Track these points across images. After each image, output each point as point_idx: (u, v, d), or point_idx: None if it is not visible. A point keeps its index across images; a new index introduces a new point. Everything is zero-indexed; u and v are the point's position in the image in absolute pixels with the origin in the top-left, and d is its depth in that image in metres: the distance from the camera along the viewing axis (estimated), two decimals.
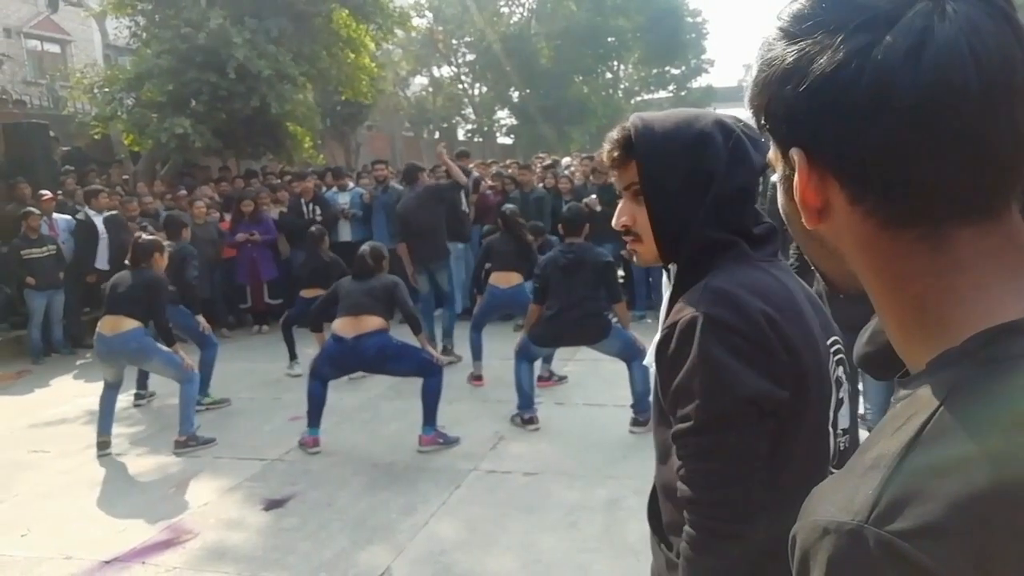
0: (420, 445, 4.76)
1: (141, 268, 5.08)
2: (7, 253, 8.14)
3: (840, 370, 1.25)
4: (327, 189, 9.69)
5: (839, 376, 1.24)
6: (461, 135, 30.33)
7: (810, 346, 1.17)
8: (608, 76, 30.51)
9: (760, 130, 0.60)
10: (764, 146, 0.60)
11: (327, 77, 12.21)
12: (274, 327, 8.15)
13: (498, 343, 6.43)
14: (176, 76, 10.14)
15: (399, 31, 15.48)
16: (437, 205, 7.10)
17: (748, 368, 1.10)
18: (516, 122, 29.47)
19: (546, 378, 5.98)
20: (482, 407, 5.59)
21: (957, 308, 0.54)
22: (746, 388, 1.09)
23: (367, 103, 15.34)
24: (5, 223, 8.40)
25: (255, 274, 8.89)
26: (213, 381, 6.01)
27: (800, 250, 0.69)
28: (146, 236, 5.34)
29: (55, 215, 8.57)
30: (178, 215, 7.11)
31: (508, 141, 30.99)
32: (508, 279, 6.10)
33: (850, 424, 1.27)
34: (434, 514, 3.91)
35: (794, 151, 0.56)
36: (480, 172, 9.78)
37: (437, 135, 28.47)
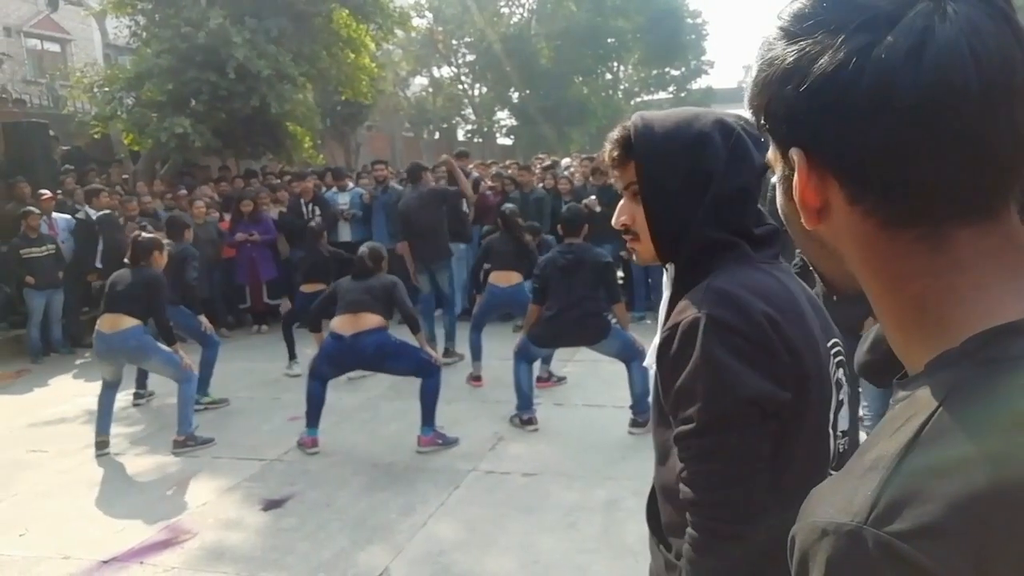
0: (419, 445, 4.76)
1: (140, 266, 5.08)
2: (7, 252, 8.14)
3: (840, 372, 1.25)
4: (327, 189, 9.67)
5: (839, 378, 1.24)
6: (461, 135, 30.33)
7: (811, 348, 1.17)
8: (608, 77, 30.53)
9: (760, 130, 0.60)
10: (765, 145, 0.60)
11: (327, 77, 12.20)
12: (273, 327, 8.17)
13: (497, 344, 6.43)
14: (176, 76, 10.13)
15: (399, 31, 15.46)
16: (439, 206, 7.10)
17: (750, 369, 1.10)
18: (516, 123, 29.50)
19: (545, 379, 5.98)
20: (481, 408, 5.59)
21: (956, 308, 0.53)
22: (748, 389, 1.09)
23: (367, 103, 15.33)
24: (5, 222, 8.41)
25: (254, 274, 8.88)
26: (212, 381, 6.01)
27: None
28: (145, 235, 5.33)
29: (55, 214, 8.57)
30: (181, 216, 7.08)
31: (508, 142, 31.02)
32: (508, 278, 6.10)
33: (849, 426, 1.27)
34: (433, 514, 3.91)
35: (794, 151, 0.56)
36: (480, 172, 9.79)
37: (437, 135, 28.50)
